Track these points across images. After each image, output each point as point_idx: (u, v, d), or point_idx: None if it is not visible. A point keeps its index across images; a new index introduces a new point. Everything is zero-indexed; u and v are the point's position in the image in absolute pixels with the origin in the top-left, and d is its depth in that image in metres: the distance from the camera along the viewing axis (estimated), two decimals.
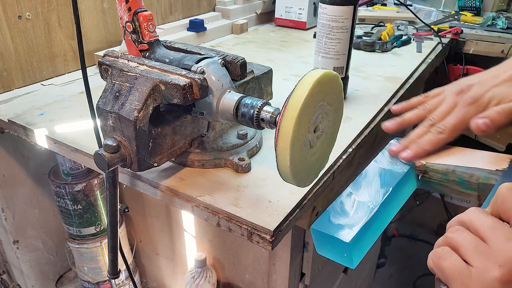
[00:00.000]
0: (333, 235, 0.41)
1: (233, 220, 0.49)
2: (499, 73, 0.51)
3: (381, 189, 0.47)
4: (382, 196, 0.45)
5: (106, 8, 0.96)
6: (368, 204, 0.44)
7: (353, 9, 0.71)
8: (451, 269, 0.33)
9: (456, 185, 0.47)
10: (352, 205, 0.45)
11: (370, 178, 0.48)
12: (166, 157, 0.54)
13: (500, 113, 0.46)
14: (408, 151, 0.50)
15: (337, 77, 0.48)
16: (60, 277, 1.05)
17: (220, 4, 1.29)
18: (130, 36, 0.55)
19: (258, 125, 0.49)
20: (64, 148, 0.65)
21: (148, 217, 0.91)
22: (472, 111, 0.48)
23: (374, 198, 0.45)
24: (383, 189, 0.46)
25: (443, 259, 0.34)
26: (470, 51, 1.27)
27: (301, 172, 0.47)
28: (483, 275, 0.31)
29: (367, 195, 0.46)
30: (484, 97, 0.49)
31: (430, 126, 0.51)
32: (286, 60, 1.03)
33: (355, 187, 0.48)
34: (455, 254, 0.34)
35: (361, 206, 0.44)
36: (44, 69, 0.88)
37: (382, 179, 0.48)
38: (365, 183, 0.48)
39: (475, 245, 0.33)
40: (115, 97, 0.49)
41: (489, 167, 0.46)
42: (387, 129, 0.55)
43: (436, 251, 0.36)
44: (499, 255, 0.31)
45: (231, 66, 0.57)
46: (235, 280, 0.84)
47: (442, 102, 0.52)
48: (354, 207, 0.44)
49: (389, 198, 0.46)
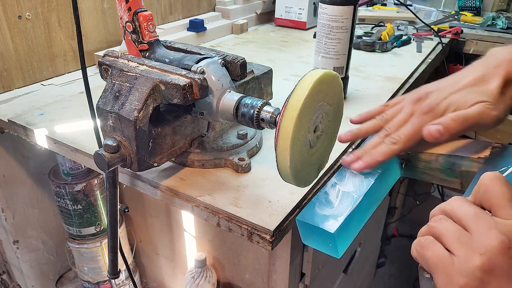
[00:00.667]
0: (318, 226, 0.41)
1: (233, 220, 0.49)
2: (458, 80, 0.49)
3: (365, 179, 0.47)
4: (366, 186, 0.46)
5: (106, 8, 0.96)
6: (352, 194, 0.45)
7: (353, 9, 0.71)
8: (434, 258, 0.34)
9: (439, 173, 0.48)
10: (337, 196, 0.45)
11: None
12: (166, 157, 0.54)
13: (455, 120, 0.44)
14: (360, 162, 0.48)
15: (337, 77, 0.48)
16: (60, 277, 1.05)
17: (220, 4, 1.29)
18: (130, 36, 0.55)
19: (258, 125, 0.49)
20: (64, 148, 0.65)
21: (148, 217, 0.91)
22: (428, 120, 0.46)
23: (359, 188, 0.46)
24: (367, 179, 0.47)
25: (426, 249, 0.35)
26: (470, 51, 1.27)
27: (301, 172, 0.47)
28: (465, 264, 0.32)
29: (351, 185, 0.46)
30: (441, 104, 0.47)
31: (385, 136, 0.49)
32: (286, 60, 1.03)
33: (340, 177, 0.48)
34: (438, 243, 0.34)
35: (346, 196, 0.45)
36: (44, 69, 0.88)
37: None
38: (349, 173, 0.48)
39: (458, 234, 0.33)
40: (115, 97, 0.49)
41: (472, 155, 0.46)
42: (341, 140, 0.53)
43: (419, 240, 0.36)
44: (480, 244, 0.31)
45: (231, 66, 0.57)
46: (235, 280, 0.84)
47: (400, 111, 0.50)
48: (339, 198, 0.45)
49: (373, 188, 0.46)
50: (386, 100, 0.81)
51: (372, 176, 0.47)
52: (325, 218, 0.42)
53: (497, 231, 0.31)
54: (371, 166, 0.48)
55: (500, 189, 0.34)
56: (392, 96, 0.84)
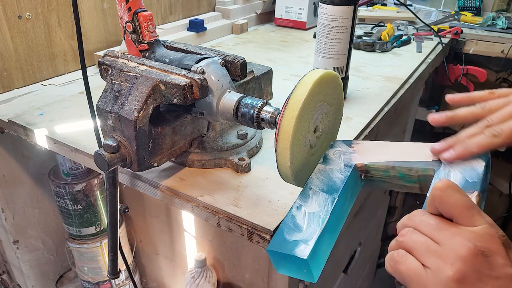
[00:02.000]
0: (290, 253, 0.40)
1: (233, 220, 0.49)
2: None
3: (329, 196, 0.45)
4: (331, 203, 0.44)
5: (106, 8, 0.96)
6: (319, 215, 0.44)
7: (353, 9, 0.71)
8: (408, 272, 0.34)
9: (397, 180, 0.47)
10: (304, 218, 0.44)
11: (315, 187, 0.47)
12: (166, 157, 0.54)
13: None
14: (451, 151, 0.45)
15: (337, 77, 0.48)
16: (60, 277, 1.05)
17: (220, 4, 1.29)
18: (130, 36, 0.55)
19: (258, 125, 0.49)
20: (64, 148, 0.65)
21: (148, 217, 0.91)
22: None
23: (324, 207, 0.44)
24: (330, 196, 0.45)
25: (400, 263, 0.35)
26: (470, 51, 1.27)
27: (301, 172, 0.47)
28: (438, 276, 0.32)
29: (316, 205, 0.45)
30: None
31: (486, 127, 0.44)
32: (286, 60, 1.03)
33: (304, 198, 0.47)
34: (410, 256, 0.34)
35: (312, 217, 0.43)
36: (44, 69, 0.88)
37: (327, 186, 0.47)
38: (312, 193, 0.47)
39: (426, 246, 0.33)
40: (115, 97, 0.49)
41: (426, 158, 0.46)
42: (434, 121, 0.49)
43: (392, 255, 0.36)
44: (448, 253, 0.32)
45: (231, 66, 0.57)
46: (235, 280, 0.84)
47: (507, 105, 0.45)
48: (306, 220, 0.43)
49: (338, 204, 0.45)
50: (386, 100, 0.81)
51: (334, 193, 0.46)
52: (296, 243, 0.41)
53: (462, 239, 0.32)
54: (463, 157, 0.44)
55: (455, 199, 0.34)
56: (392, 96, 0.84)
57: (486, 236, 0.32)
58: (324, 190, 0.46)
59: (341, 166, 0.48)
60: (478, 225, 0.32)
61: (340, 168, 0.48)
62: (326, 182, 0.47)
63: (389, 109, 0.79)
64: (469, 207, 0.33)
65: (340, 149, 0.51)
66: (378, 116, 0.76)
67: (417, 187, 0.47)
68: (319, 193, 0.46)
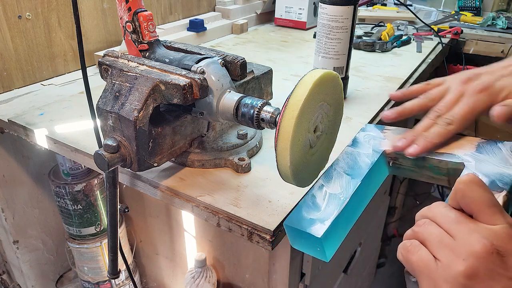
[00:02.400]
0: (305, 230, 0.41)
1: (233, 220, 0.49)
2: (508, 64, 0.48)
3: (352, 179, 0.46)
4: (353, 186, 0.45)
5: (106, 8, 0.96)
6: (339, 196, 0.44)
7: (353, 9, 0.71)
8: (419, 263, 0.34)
9: (426, 171, 0.47)
10: (324, 198, 0.44)
11: (340, 169, 0.47)
12: (166, 157, 0.54)
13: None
14: (415, 146, 0.47)
15: (337, 77, 0.48)
16: (60, 277, 1.05)
17: (220, 4, 1.29)
18: (130, 36, 0.55)
19: (258, 125, 0.49)
20: (64, 148, 0.65)
21: (148, 217, 0.91)
22: (483, 99, 0.45)
23: (346, 190, 0.45)
24: (354, 180, 0.46)
25: (411, 253, 0.34)
26: (470, 51, 1.27)
27: (301, 172, 0.47)
28: (448, 270, 0.31)
29: (338, 186, 0.45)
30: (495, 85, 0.46)
31: (437, 117, 0.47)
32: (286, 60, 1.03)
33: (327, 179, 0.47)
34: (423, 247, 0.34)
35: (333, 198, 0.44)
36: (44, 69, 0.88)
37: (352, 169, 0.47)
38: (336, 174, 0.47)
39: (441, 239, 0.33)
40: (115, 97, 0.49)
41: (458, 152, 0.46)
42: (387, 118, 0.52)
43: (405, 244, 0.36)
44: (462, 249, 0.31)
45: (231, 66, 0.57)
46: (235, 280, 0.84)
47: (447, 92, 0.48)
48: (326, 200, 0.44)
49: (360, 188, 0.45)
50: (386, 100, 0.81)
51: (359, 177, 0.46)
52: (312, 222, 0.41)
53: (479, 236, 0.31)
54: (428, 149, 0.46)
55: (477, 194, 0.33)
56: None
57: (504, 236, 0.31)
58: (348, 173, 0.47)
59: (369, 150, 0.49)
60: (498, 224, 0.32)
61: (368, 152, 0.49)
62: (351, 165, 0.48)
63: (389, 109, 0.79)
64: (491, 204, 0.33)
65: (371, 134, 0.51)
66: (378, 116, 0.76)
67: (445, 180, 0.47)
68: (343, 175, 0.47)
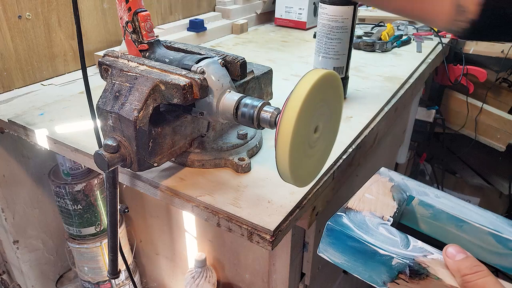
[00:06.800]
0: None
1: (233, 220, 0.49)
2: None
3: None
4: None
5: (106, 8, 0.96)
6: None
7: (353, 9, 0.71)
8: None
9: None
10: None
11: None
12: (166, 157, 0.54)
13: None
14: None
15: (337, 77, 0.48)
16: (60, 277, 1.05)
17: (220, 4, 1.29)
18: (130, 36, 0.55)
19: (258, 125, 0.49)
20: (64, 148, 0.65)
21: (148, 217, 0.91)
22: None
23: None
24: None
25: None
26: (470, 51, 1.27)
27: (301, 172, 0.47)
28: None
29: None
30: None
31: None
32: (286, 60, 1.03)
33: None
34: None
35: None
36: (44, 69, 0.88)
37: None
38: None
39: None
40: (115, 97, 0.49)
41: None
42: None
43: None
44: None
45: (231, 66, 0.57)
46: (235, 280, 0.84)
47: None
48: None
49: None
50: (386, 100, 0.81)
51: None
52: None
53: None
54: None
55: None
56: (392, 96, 0.84)
57: None
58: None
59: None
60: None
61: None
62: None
63: (389, 109, 0.79)
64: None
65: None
66: (378, 116, 0.76)
67: None
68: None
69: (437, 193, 0.45)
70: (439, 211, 0.43)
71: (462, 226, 0.41)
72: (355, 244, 0.35)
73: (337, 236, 0.36)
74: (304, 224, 0.59)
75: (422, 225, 0.45)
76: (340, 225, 0.36)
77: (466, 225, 0.41)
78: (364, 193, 0.43)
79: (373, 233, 0.35)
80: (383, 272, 0.34)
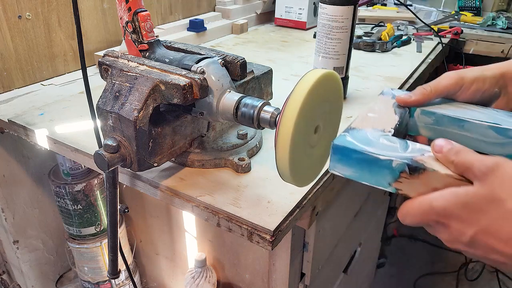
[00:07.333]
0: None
1: (233, 220, 0.49)
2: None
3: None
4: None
5: (106, 8, 0.96)
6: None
7: (353, 9, 0.71)
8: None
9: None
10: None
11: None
12: (166, 157, 0.54)
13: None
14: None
15: (337, 77, 0.48)
16: (60, 277, 1.05)
17: (220, 4, 1.29)
18: (130, 36, 0.55)
19: (258, 125, 0.49)
20: (64, 148, 0.65)
21: (148, 217, 0.91)
22: None
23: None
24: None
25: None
26: (470, 51, 1.27)
27: (300, 172, 0.47)
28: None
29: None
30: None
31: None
32: (286, 60, 1.03)
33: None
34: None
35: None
36: (44, 69, 0.88)
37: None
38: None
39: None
40: (115, 97, 0.49)
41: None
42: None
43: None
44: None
45: (231, 66, 0.57)
46: (235, 280, 0.84)
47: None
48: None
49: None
50: None
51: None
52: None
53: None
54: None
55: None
56: None
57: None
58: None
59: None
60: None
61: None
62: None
63: None
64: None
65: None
66: None
67: None
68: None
69: (438, 101, 0.49)
70: (440, 116, 0.46)
71: (463, 126, 0.45)
72: (358, 156, 0.39)
73: (342, 152, 0.40)
74: (304, 224, 0.59)
75: (426, 132, 0.48)
76: (343, 142, 0.40)
77: (467, 124, 0.45)
78: (367, 113, 0.46)
79: (374, 144, 0.40)
80: (387, 174, 0.38)
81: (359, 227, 1.01)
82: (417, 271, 1.71)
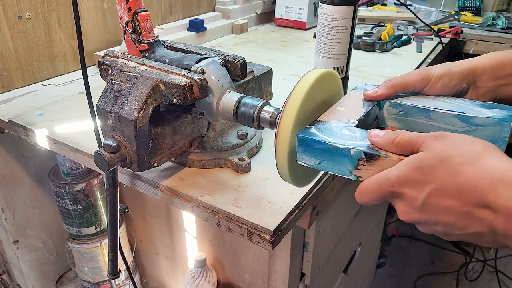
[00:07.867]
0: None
1: (233, 220, 0.49)
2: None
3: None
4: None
5: (106, 8, 0.96)
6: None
7: (353, 9, 0.71)
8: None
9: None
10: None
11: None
12: (166, 157, 0.54)
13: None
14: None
15: (337, 76, 0.48)
16: (60, 277, 1.05)
17: (220, 4, 1.29)
18: (130, 36, 0.55)
19: (258, 125, 0.49)
20: (64, 148, 0.65)
21: (148, 217, 0.91)
22: None
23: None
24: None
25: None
26: (470, 51, 1.27)
27: (300, 172, 0.47)
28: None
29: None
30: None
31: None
32: (286, 60, 1.03)
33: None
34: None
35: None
36: (44, 69, 0.88)
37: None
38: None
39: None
40: (115, 97, 0.49)
41: None
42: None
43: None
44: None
45: (231, 66, 0.57)
46: (235, 280, 0.84)
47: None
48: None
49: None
50: None
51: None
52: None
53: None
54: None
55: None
56: None
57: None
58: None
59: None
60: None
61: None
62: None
63: None
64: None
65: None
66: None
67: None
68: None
69: (406, 94, 0.51)
70: (408, 107, 0.49)
71: (430, 115, 0.47)
72: (320, 146, 0.41)
73: (307, 143, 0.42)
74: (304, 224, 0.59)
75: (396, 124, 0.51)
76: (308, 134, 0.42)
77: (433, 114, 0.47)
78: (336, 107, 0.48)
79: (336, 135, 0.42)
80: (347, 163, 0.40)
81: (359, 227, 1.01)
82: (417, 271, 1.71)
